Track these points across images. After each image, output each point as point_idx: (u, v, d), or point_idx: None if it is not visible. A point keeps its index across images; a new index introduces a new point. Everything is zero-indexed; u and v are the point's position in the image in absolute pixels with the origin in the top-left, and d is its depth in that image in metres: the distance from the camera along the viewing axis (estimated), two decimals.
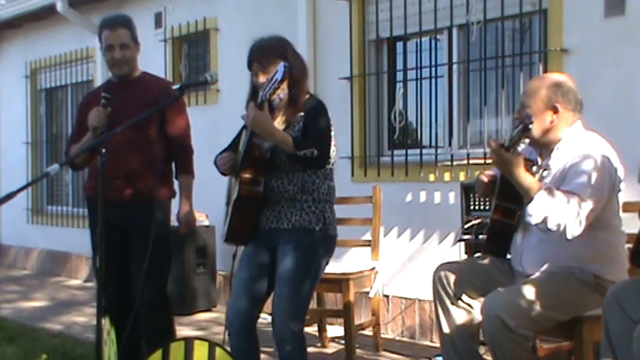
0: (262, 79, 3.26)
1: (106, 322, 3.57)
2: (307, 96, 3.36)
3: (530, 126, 2.93)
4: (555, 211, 2.95)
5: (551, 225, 2.96)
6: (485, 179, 3.46)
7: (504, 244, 3.41)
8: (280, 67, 3.11)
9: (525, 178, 3.01)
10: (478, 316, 3.24)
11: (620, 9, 4.33)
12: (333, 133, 3.35)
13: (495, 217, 3.34)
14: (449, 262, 3.52)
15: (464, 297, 3.33)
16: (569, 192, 3.01)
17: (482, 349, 3.48)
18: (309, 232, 3.26)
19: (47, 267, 9.19)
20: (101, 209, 3.07)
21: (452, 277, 3.33)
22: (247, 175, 3.24)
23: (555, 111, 3.19)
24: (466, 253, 4.40)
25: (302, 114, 3.27)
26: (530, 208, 2.99)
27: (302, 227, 3.26)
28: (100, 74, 8.16)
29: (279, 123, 3.26)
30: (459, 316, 3.33)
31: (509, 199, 3.23)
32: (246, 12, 6.60)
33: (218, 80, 3.39)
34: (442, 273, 3.37)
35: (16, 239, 9.76)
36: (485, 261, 3.44)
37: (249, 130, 3.28)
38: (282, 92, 3.09)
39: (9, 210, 9.03)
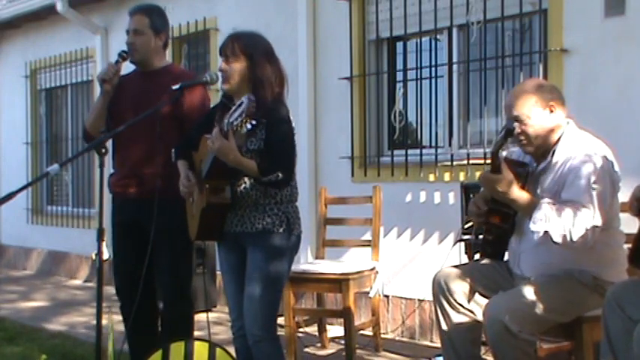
0: (224, 65, 3.23)
1: (109, 319, 3.57)
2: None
3: (514, 125, 3.02)
4: (556, 225, 2.96)
5: (556, 238, 2.97)
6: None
7: (501, 246, 3.41)
8: (245, 99, 3.02)
9: (520, 196, 3.05)
10: (480, 320, 3.23)
11: (620, 9, 4.33)
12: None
13: (490, 221, 3.33)
14: (448, 268, 3.49)
15: (464, 303, 3.32)
16: (570, 201, 3.01)
17: (482, 349, 3.47)
18: (273, 235, 3.27)
19: (47, 267, 9.19)
20: (100, 208, 3.08)
21: (452, 284, 3.32)
22: (215, 184, 3.25)
23: (552, 110, 3.18)
24: (466, 253, 4.39)
25: (264, 120, 3.17)
26: (532, 226, 3.01)
27: (266, 230, 3.26)
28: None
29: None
30: (460, 321, 3.31)
31: (502, 202, 3.23)
32: (246, 12, 6.60)
33: (218, 80, 3.39)
34: (442, 279, 3.35)
35: (16, 239, 9.76)
36: (484, 265, 3.43)
37: None
38: (249, 124, 3.02)
39: (9, 210, 9.02)
